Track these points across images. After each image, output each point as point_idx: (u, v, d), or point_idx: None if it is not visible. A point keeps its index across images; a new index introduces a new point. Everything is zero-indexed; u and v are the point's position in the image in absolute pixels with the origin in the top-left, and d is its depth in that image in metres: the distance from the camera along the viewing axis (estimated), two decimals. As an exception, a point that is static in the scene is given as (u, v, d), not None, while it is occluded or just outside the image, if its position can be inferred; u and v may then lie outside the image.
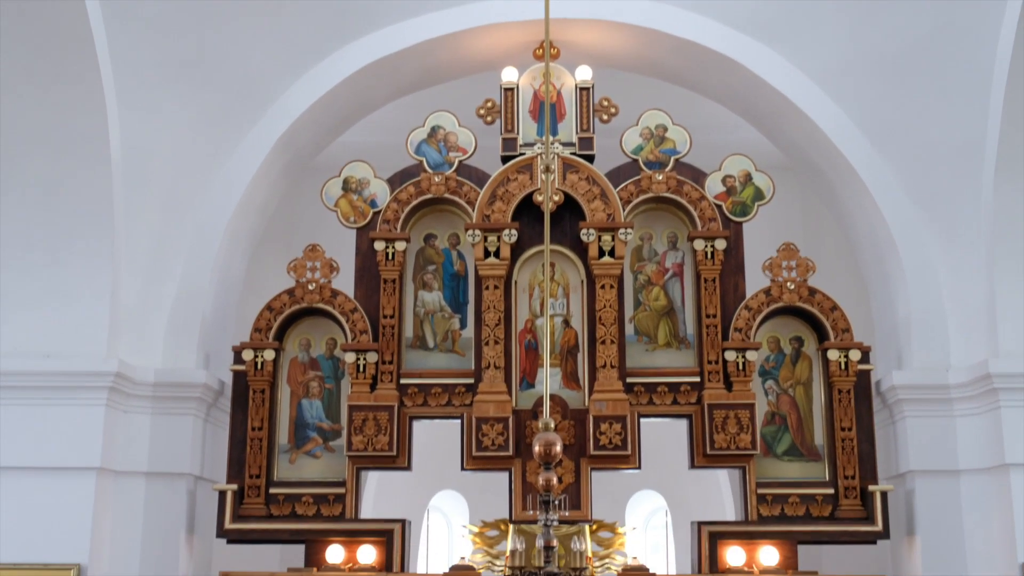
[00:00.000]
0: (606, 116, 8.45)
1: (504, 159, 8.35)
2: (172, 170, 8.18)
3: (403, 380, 8.14)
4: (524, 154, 8.30)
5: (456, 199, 8.30)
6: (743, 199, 8.35)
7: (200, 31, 7.97)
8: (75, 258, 7.61)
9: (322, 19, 8.23)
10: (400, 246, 8.22)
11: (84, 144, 7.43)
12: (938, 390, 7.93)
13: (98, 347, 7.61)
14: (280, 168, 8.71)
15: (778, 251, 8.25)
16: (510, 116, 8.42)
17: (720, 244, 8.17)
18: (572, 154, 8.29)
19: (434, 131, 8.44)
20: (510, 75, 8.49)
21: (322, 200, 8.39)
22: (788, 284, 8.15)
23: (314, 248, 8.31)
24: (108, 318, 7.67)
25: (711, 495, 12.43)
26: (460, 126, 8.44)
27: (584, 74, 8.47)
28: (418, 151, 8.41)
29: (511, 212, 8.14)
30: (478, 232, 8.08)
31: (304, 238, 8.75)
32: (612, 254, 8.06)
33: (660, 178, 8.30)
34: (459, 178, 8.35)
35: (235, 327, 8.77)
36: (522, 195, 8.17)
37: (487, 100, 8.48)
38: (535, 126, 8.42)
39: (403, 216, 8.27)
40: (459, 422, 8.08)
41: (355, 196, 8.40)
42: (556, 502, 4.99)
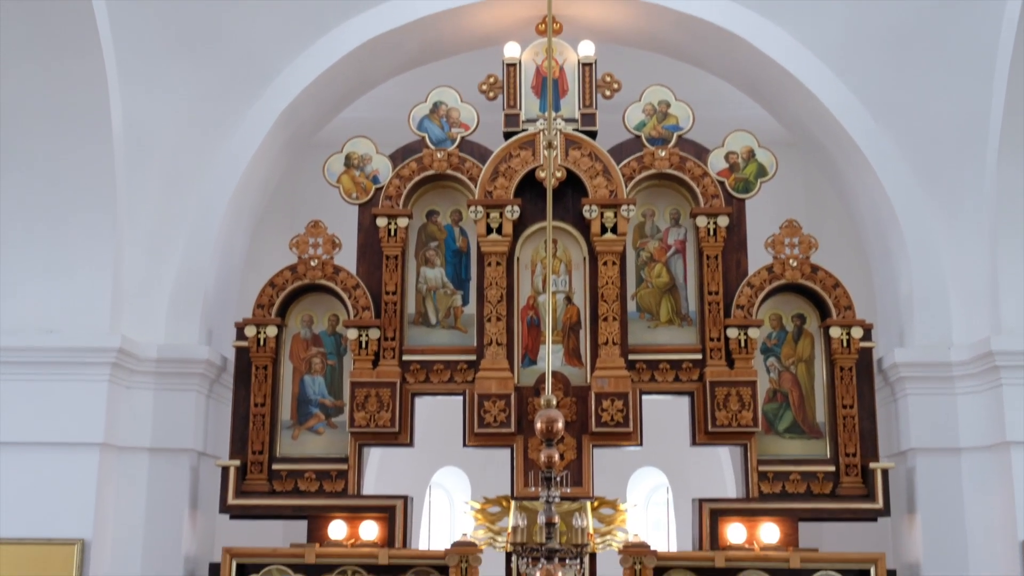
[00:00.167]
0: (609, 92, 8.42)
1: (506, 135, 8.33)
2: (174, 145, 8.17)
3: (405, 357, 8.15)
4: (526, 130, 8.28)
5: (458, 175, 8.29)
6: (746, 176, 8.33)
7: (201, 6, 7.93)
8: (77, 233, 7.61)
9: (324, -6, 8.20)
10: (402, 222, 8.22)
11: (85, 119, 7.41)
12: (940, 368, 7.94)
13: (101, 323, 7.62)
14: (282, 144, 8.69)
15: (781, 228, 8.24)
16: (512, 92, 8.39)
17: (723, 221, 8.16)
18: (575, 130, 8.26)
19: (436, 107, 8.41)
20: (512, 50, 8.45)
21: (324, 176, 8.37)
22: (790, 261, 8.14)
23: (316, 224, 8.30)
24: (110, 294, 7.68)
25: (712, 472, 12.46)
26: (462, 102, 8.41)
27: (587, 49, 8.43)
28: (420, 127, 8.39)
29: (513, 188, 8.12)
30: (480, 208, 8.07)
31: (306, 214, 8.73)
32: (614, 231, 8.05)
33: (663, 154, 8.28)
34: (461, 154, 8.33)
35: (237, 303, 8.77)
36: (524, 171, 8.15)
37: (489, 76, 8.45)
38: (537, 102, 8.40)
39: (405, 192, 8.26)
40: (461, 399, 8.09)
41: (357, 172, 8.39)
42: (558, 479, 5.01)
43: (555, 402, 5.05)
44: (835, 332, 8.03)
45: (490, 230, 8.08)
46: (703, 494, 8.57)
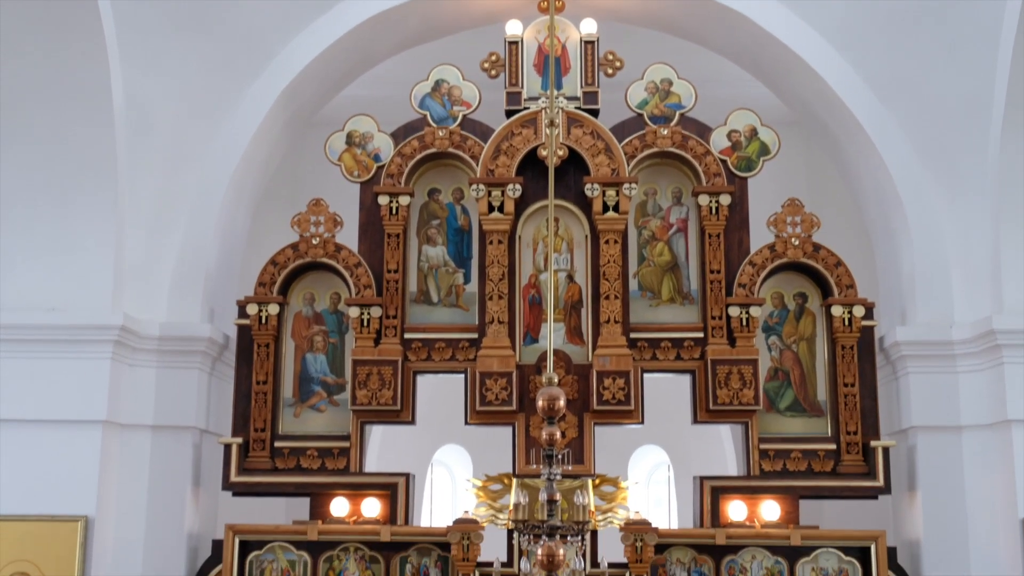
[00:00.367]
0: (611, 70, 8.39)
1: (508, 113, 8.31)
2: (175, 124, 8.16)
3: (407, 335, 8.16)
4: (528, 108, 8.26)
5: (460, 153, 8.28)
6: (748, 154, 8.31)
7: (202, -17, 7.93)
8: (79, 211, 7.61)
9: (325, -29, 8.18)
10: (404, 200, 8.21)
11: (86, 97, 7.41)
12: (941, 346, 7.94)
13: (103, 301, 7.63)
14: (283, 122, 8.68)
15: (783, 207, 8.23)
16: (514, 70, 8.37)
17: (725, 199, 8.15)
18: (577, 108, 8.25)
19: (438, 85, 8.39)
20: (514, 28, 8.42)
21: (326, 154, 8.36)
22: (792, 240, 8.13)
23: (318, 202, 8.30)
24: (112, 272, 7.68)
25: (713, 450, 12.49)
26: (464, 80, 8.40)
27: (589, 27, 8.41)
28: (422, 105, 8.37)
29: (515, 167, 8.11)
30: (482, 187, 8.06)
31: (308, 192, 8.73)
32: (616, 209, 8.04)
33: (665, 133, 8.26)
34: (463, 132, 8.32)
35: (239, 281, 8.78)
36: (526, 150, 8.14)
37: (491, 54, 8.42)
38: (539, 80, 8.38)
39: (407, 170, 8.25)
40: (463, 376, 8.11)
41: (359, 150, 8.38)
42: (559, 456, 5.02)
43: (557, 380, 5.06)
44: (837, 311, 8.03)
45: (492, 208, 8.08)
46: (704, 472, 8.59)
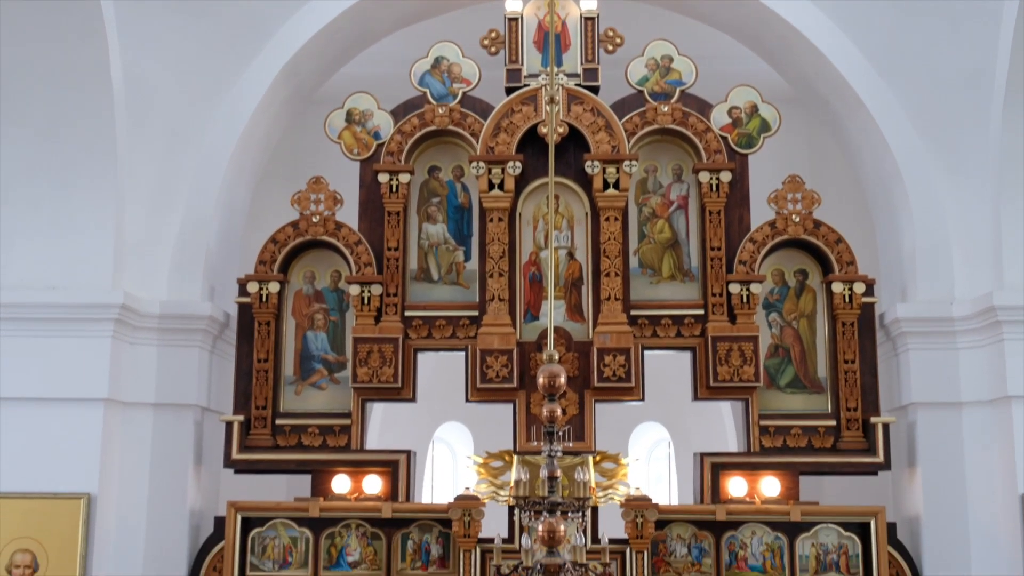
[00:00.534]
0: (611, 47, 8.36)
1: (508, 90, 8.28)
2: (174, 102, 8.14)
3: (407, 312, 8.16)
4: (528, 85, 8.24)
5: (460, 131, 8.26)
6: (749, 131, 8.30)
7: (201, -40, 7.90)
8: (79, 190, 7.61)
9: (324, -53, 8.14)
10: (404, 178, 8.20)
11: (85, 76, 7.39)
12: (942, 323, 7.95)
13: (103, 279, 7.63)
14: (283, 100, 8.65)
15: (783, 183, 8.22)
16: (514, 47, 8.34)
17: (725, 176, 8.13)
18: (577, 85, 8.22)
19: (437, 62, 8.37)
20: (514, 5, 8.38)
21: (325, 132, 8.35)
22: (793, 216, 8.12)
23: (318, 180, 8.29)
24: (113, 250, 7.68)
25: (714, 427, 12.51)
26: (464, 57, 8.37)
27: (589, 4, 8.37)
28: (421, 82, 8.35)
29: (515, 144, 8.09)
30: (482, 164, 8.05)
31: (308, 170, 8.71)
32: (616, 186, 8.03)
33: (665, 110, 8.24)
34: (463, 110, 8.30)
35: (240, 259, 8.77)
36: (526, 127, 8.12)
37: (491, 30, 8.39)
38: (539, 57, 8.35)
39: (407, 148, 8.23)
40: (463, 354, 8.12)
41: (358, 128, 8.36)
42: (560, 433, 5.03)
43: (557, 357, 5.06)
44: (837, 287, 8.03)
45: (492, 186, 8.07)
46: (704, 448, 8.63)
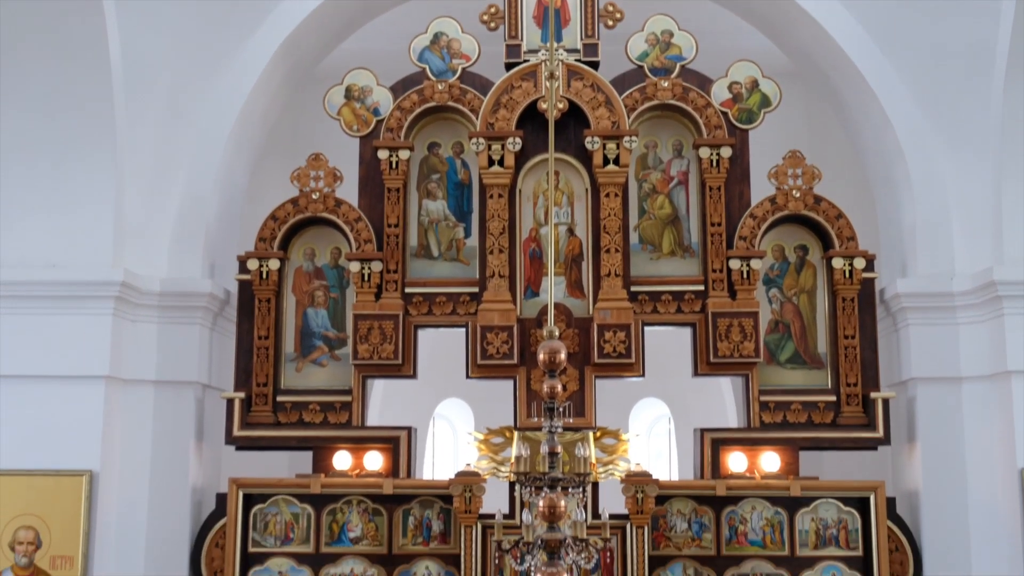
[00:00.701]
0: (611, 22, 8.32)
1: (508, 66, 8.26)
2: (173, 78, 8.11)
3: (408, 289, 8.16)
4: (528, 61, 8.21)
5: (460, 107, 8.23)
6: (749, 106, 8.27)
7: (198, -65, 7.85)
8: (78, 167, 7.59)
9: (322, -78, 8.10)
10: (404, 155, 8.18)
11: (84, 52, 7.36)
12: (942, 298, 7.95)
13: (103, 257, 7.63)
14: (282, 75, 8.63)
15: (784, 159, 8.20)
16: (514, 22, 8.31)
17: (725, 152, 8.12)
18: (577, 61, 8.19)
19: (437, 38, 8.33)
20: (514, -20, 8.36)
21: (325, 108, 8.32)
22: (793, 192, 8.11)
23: (317, 157, 8.27)
24: (112, 228, 7.67)
25: (714, 402, 12.54)
26: (463, 32, 8.33)
27: (589, -21, 8.34)
28: (421, 58, 8.32)
29: (515, 120, 8.07)
30: (482, 140, 8.03)
31: (307, 147, 8.69)
32: (617, 162, 8.01)
33: (665, 85, 8.22)
34: (462, 86, 8.27)
35: (239, 237, 8.77)
36: (526, 103, 8.10)
37: (490, 6, 8.35)
38: (539, 32, 8.32)
39: (406, 124, 8.21)
40: (464, 330, 8.12)
41: (358, 104, 8.34)
42: (560, 409, 5.03)
43: (558, 333, 5.06)
44: (837, 263, 8.03)
45: (492, 162, 8.05)
46: (704, 424, 8.64)
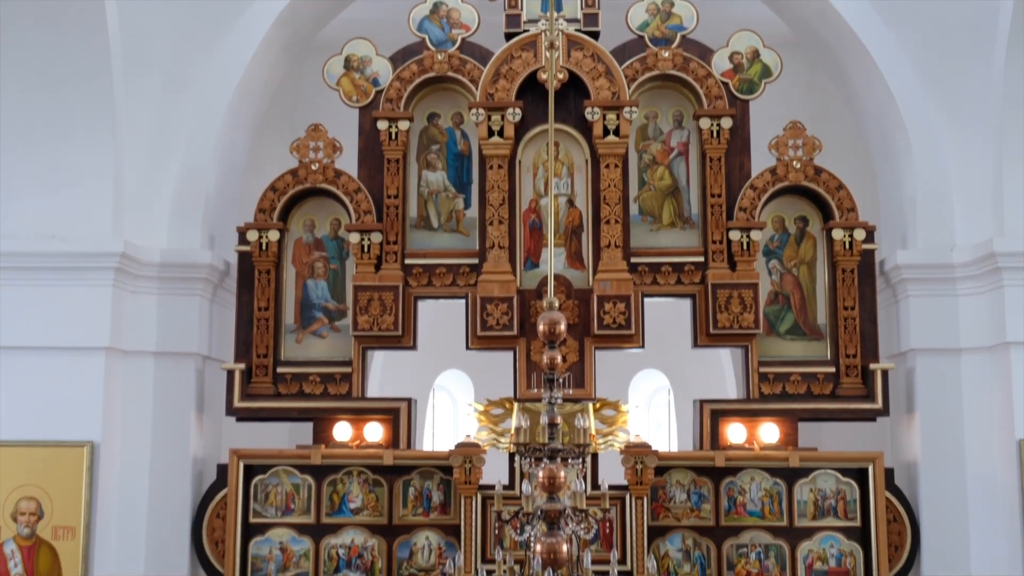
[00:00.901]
0: (612, -9, 8.29)
1: (507, 36, 8.21)
2: (171, 49, 8.07)
3: (408, 260, 8.15)
4: (528, 31, 8.16)
5: (459, 77, 8.20)
6: (750, 76, 8.24)
7: (196, -96, 7.80)
8: (77, 138, 7.57)
9: None
10: (403, 125, 8.15)
11: (81, 23, 7.32)
12: (942, 269, 7.95)
13: (103, 228, 7.63)
14: (281, 45, 8.59)
15: (784, 130, 8.18)
16: (514, -9, 8.27)
17: (726, 123, 8.09)
18: (577, 31, 8.15)
19: (436, 7, 8.29)
20: (514, -51, 8.30)
21: (324, 79, 8.29)
22: (794, 163, 8.09)
23: (317, 128, 8.24)
24: (112, 199, 7.67)
25: (713, 374, 12.56)
26: (463, 2, 8.29)
27: (589, -52, 8.29)
28: (420, 28, 8.28)
29: (515, 91, 8.04)
30: (482, 111, 8.00)
31: (306, 118, 8.67)
32: (617, 133, 7.99)
33: (666, 55, 8.18)
34: (462, 56, 8.23)
35: (239, 208, 8.75)
36: (526, 73, 8.06)
37: (490, -25, 8.31)
38: (539, 2, 8.26)
39: (406, 95, 8.18)
40: (464, 302, 8.12)
41: (357, 75, 8.30)
42: (560, 380, 5.04)
43: (558, 304, 5.06)
44: (837, 234, 8.02)
45: (492, 133, 8.03)
46: (704, 395, 8.65)
